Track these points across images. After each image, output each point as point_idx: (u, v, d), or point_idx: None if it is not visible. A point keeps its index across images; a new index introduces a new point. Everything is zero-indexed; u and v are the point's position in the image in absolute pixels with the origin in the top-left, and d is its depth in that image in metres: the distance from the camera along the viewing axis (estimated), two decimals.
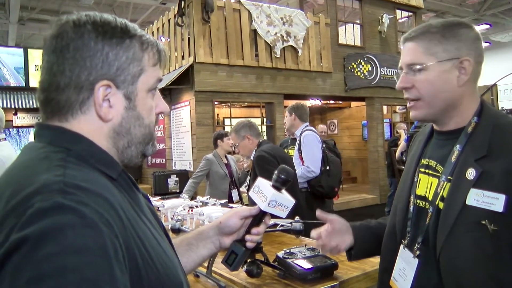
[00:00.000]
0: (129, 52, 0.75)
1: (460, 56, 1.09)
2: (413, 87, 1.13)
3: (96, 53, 0.72)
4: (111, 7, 11.46)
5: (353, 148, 10.74)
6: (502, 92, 11.36)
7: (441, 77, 1.10)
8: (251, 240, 1.08)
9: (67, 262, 0.54)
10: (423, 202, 1.17)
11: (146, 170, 8.37)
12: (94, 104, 0.73)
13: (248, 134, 3.18)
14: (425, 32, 1.13)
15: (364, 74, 8.55)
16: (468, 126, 1.10)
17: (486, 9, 13.28)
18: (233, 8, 6.85)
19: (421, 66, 1.11)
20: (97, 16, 0.75)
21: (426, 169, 1.19)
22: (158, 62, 0.81)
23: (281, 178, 1.07)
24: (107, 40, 0.73)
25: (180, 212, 2.37)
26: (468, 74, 1.09)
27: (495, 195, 0.97)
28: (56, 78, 0.72)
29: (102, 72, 0.73)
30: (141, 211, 0.77)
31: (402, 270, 1.16)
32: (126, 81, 0.75)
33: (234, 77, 6.80)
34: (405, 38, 1.17)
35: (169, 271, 0.74)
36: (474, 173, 1.02)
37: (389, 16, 8.87)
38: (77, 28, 0.72)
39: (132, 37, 0.76)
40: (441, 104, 1.12)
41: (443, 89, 1.10)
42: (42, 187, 0.60)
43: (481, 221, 0.98)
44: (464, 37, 1.10)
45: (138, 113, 0.78)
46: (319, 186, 3.79)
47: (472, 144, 1.07)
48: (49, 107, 0.74)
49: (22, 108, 9.31)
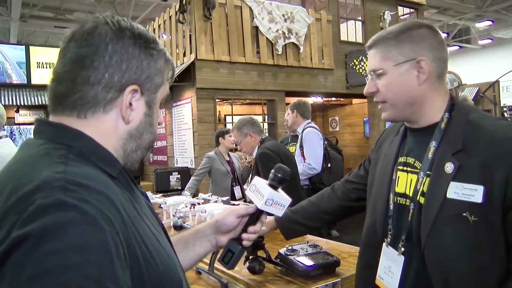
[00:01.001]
0: (157, 64, 0.81)
1: (416, 56, 1.14)
2: (378, 91, 1.20)
3: (132, 58, 0.76)
4: (112, 4, 11.44)
5: (355, 145, 10.72)
6: (504, 89, 11.35)
7: (400, 79, 1.16)
8: (248, 239, 1.09)
9: (69, 259, 0.54)
10: (403, 199, 1.20)
11: (148, 167, 8.39)
12: (121, 105, 0.76)
13: (250, 131, 3.17)
14: (381, 39, 1.19)
15: (365, 71, 8.51)
16: (441, 122, 1.15)
17: (489, 5, 13.22)
18: (235, 5, 6.84)
19: (380, 71, 1.18)
20: (133, 24, 0.80)
21: (405, 167, 1.23)
22: (170, 79, 0.87)
23: (277, 177, 1.08)
24: (143, 48, 0.78)
25: (182, 209, 2.37)
26: (426, 73, 1.14)
27: (474, 187, 1.01)
28: (87, 72, 0.73)
29: (134, 77, 0.77)
30: (140, 209, 0.78)
31: (388, 268, 1.19)
32: (150, 89, 0.80)
33: (236, 74, 6.80)
34: (367, 46, 1.24)
35: (169, 269, 0.74)
36: (452, 166, 1.06)
37: (391, 12, 8.84)
38: (118, 31, 0.76)
39: (159, 51, 0.82)
40: (404, 104, 1.17)
41: (403, 90, 1.16)
42: (43, 184, 0.60)
43: (462, 213, 1.02)
44: (418, 37, 1.15)
45: (152, 121, 0.83)
46: (321, 183, 3.79)
47: (447, 139, 1.11)
48: (68, 100, 0.74)
49: (24, 105, 9.31)
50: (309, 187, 3.82)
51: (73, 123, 0.74)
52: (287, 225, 1.67)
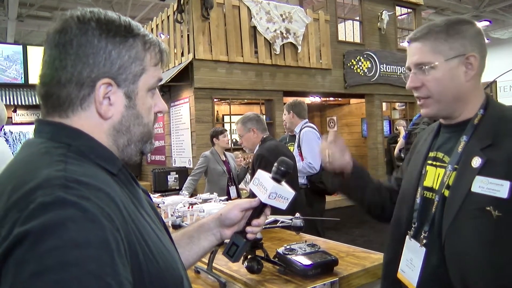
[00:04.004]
0: (132, 51, 0.76)
1: (466, 52, 1.12)
2: (423, 86, 1.16)
3: (99, 51, 0.73)
4: (109, 3, 11.42)
5: (353, 145, 10.73)
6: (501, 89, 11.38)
7: (449, 74, 1.13)
8: (252, 232, 1.09)
9: (69, 256, 0.55)
10: (430, 193, 1.19)
11: (146, 167, 8.38)
12: (95, 102, 0.74)
13: (254, 127, 3.19)
14: (430, 32, 1.15)
15: (363, 71, 8.55)
16: (475, 118, 1.14)
17: (486, 6, 13.25)
18: (233, 5, 6.84)
19: (429, 65, 1.14)
20: (101, 14, 0.75)
21: (434, 161, 1.22)
22: (160, 62, 0.82)
23: (281, 170, 1.08)
24: (110, 38, 0.74)
25: (180, 209, 2.37)
26: (475, 69, 1.13)
27: (500, 182, 1.00)
28: (58, 73, 0.72)
29: (104, 70, 0.73)
30: (141, 206, 0.78)
31: (410, 261, 1.18)
32: (128, 80, 0.76)
33: (234, 74, 6.80)
34: (411, 39, 1.20)
35: (169, 266, 0.75)
36: (479, 161, 1.05)
37: (388, 12, 8.86)
38: (81, 25, 0.73)
39: (135, 36, 0.77)
40: (450, 100, 1.15)
41: (452, 85, 1.14)
42: (43, 181, 0.60)
43: (486, 207, 1.00)
44: (468, 33, 1.14)
45: (138, 112, 0.79)
46: (320, 182, 3.79)
47: (478, 134, 1.10)
48: (50, 102, 0.75)
49: (21, 105, 9.30)
50: (308, 187, 3.82)
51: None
52: (361, 173, 1.49)
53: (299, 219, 2.09)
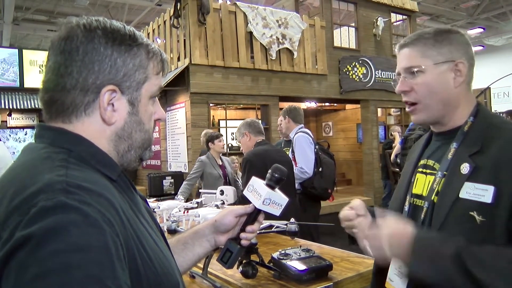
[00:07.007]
0: (136, 60, 0.78)
1: (455, 59, 1.14)
2: (412, 90, 1.17)
3: (104, 58, 0.75)
4: (106, 8, 11.42)
5: (348, 151, 10.77)
6: (495, 95, 11.48)
7: (438, 79, 1.14)
8: (246, 238, 1.10)
9: (71, 259, 0.56)
10: (419, 201, 1.20)
11: (141, 171, 8.35)
12: (99, 107, 0.75)
13: (246, 131, 3.19)
14: (419, 38, 1.18)
15: (359, 76, 8.60)
16: (465, 125, 1.15)
17: (480, 13, 13.37)
18: (229, 10, 6.87)
19: (418, 68, 1.15)
20: (107, 22, 0.77)
21: (424, 169, 1.23)
22: (161, 71, 0.84)
23: (275, 177, 1.10)
24: (116, 46, 0.76)
25: (175, 214, 2.37)
26: (463, 76, 1.14)
27: (485, 187, 1.01)
28: (63, 79, 0.74)
29: (109, 77, 0.75)
30: (139, 212, 0.79)
31: (398, 269, 1.18)
32: (131, 87, 0.78)
33: (230, 79, 6.82)
34: (401, 45, 1.22)
35: (167, 271, 0.76)
36: (468, 167, 1.06)
37: (384, 19, 8.92)
38: (87, 32, 0.75)
39: (140, 45, 0.79)
40: (439, 105, 1.16)
41: (440, 90, 1.15)
42: (45, 186, 0.61)
43: (469, 212, 1.01)
44: (456, 41, 1.16)
45: (140, 119, 0.81)
46: (312, 187, 3.79)
47: (467, 141, 1.11)
48: (54, 107, 0.76)
49: (16, 109, 9.25)
50: (301, 191, 3.82)
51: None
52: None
53: (294, 224, 2.10)
